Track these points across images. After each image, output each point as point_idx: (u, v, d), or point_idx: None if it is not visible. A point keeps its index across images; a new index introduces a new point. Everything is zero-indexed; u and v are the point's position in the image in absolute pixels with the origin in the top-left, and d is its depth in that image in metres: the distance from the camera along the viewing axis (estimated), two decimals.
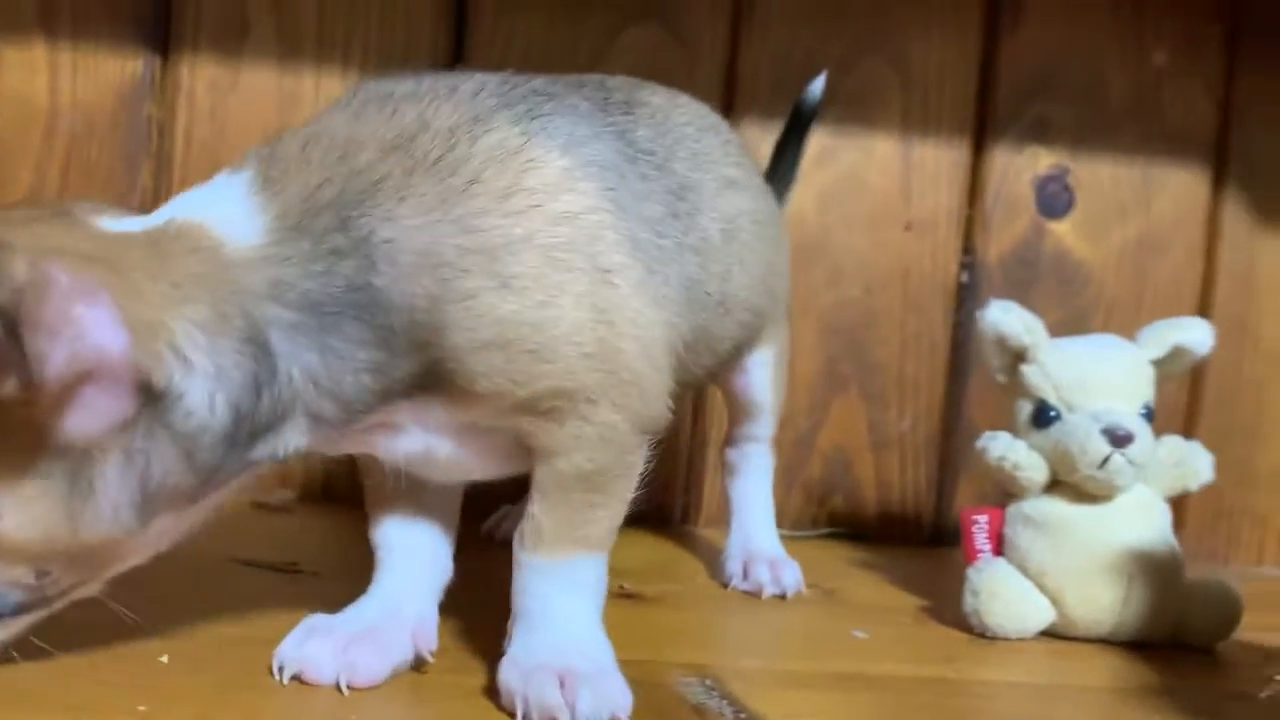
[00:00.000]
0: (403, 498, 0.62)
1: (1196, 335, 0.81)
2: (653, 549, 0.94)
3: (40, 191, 0.95)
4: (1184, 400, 1.07)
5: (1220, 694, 0.68)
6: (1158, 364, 0.81)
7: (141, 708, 0.51)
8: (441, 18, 0.97)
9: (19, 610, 0.52)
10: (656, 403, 0.59)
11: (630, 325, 0.57)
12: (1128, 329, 0.99)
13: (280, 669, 0.56)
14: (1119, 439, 0.76)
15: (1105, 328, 1.03)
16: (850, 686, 0.64)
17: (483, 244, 0.54)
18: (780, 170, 0.92)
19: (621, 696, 0.54)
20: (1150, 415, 0.79)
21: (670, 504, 1.03)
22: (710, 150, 0.71)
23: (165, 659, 0.57)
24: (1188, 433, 1.06)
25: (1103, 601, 0.76)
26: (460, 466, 0.60)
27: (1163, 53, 1.05)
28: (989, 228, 1.04)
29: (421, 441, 0.58)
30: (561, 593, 0.57)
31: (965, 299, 1.04)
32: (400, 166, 0.55)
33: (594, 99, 0.65)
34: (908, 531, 1.04)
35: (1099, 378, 0.79)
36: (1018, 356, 0.81)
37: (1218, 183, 1.06)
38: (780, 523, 1.00)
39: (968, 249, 1.04)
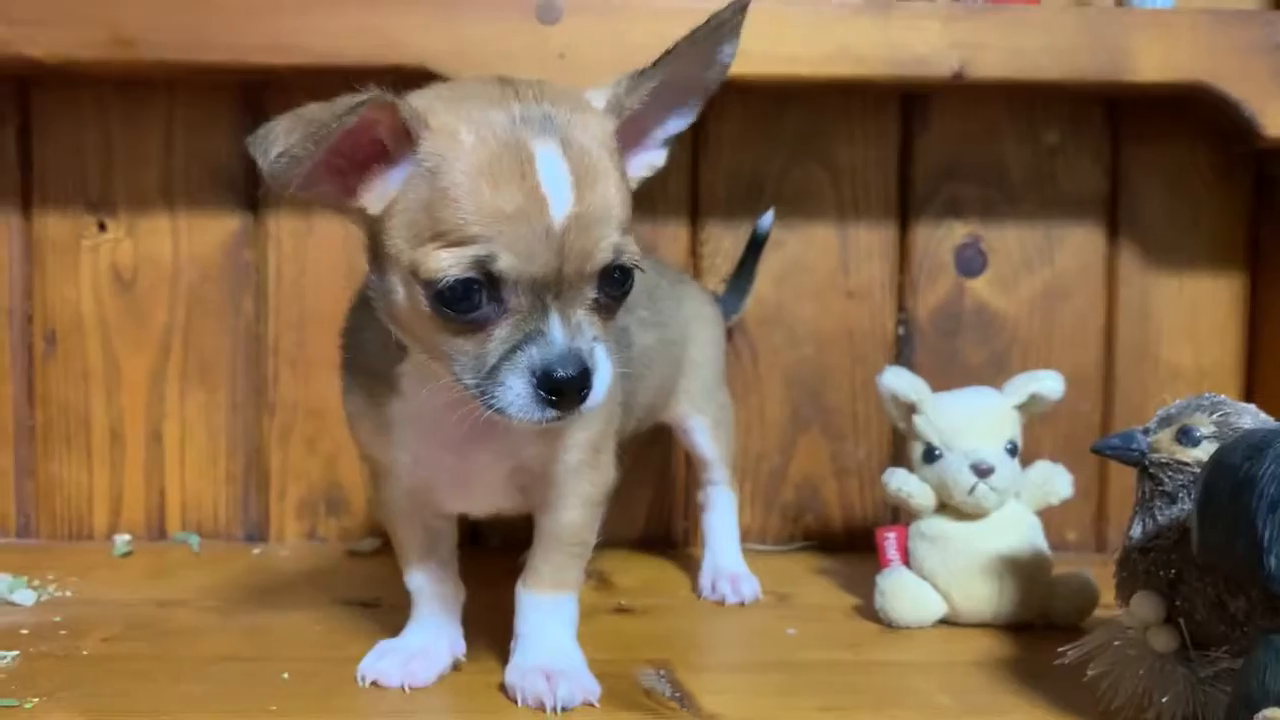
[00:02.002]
0: (425, 552, 0.88)
1: (1050, 384, 1.04)
2: (655, 568, 1.19)
3: (170, 325, 1.24)
4: (1099, 416, 1.29)
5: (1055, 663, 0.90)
6: (1020, 408, 1.03)
7: (273, 707, 0.79)
8: None
9: None
10: (611, 472, 0.87)
11: (614, 415, 0.86)
12: (1042, 363, 1.23)
13: (362, 678, 0.83)
14: (982, 472, 0.99)
15: (1022, 365, 1.25)
16: (767, 669, 0.89)
17: None
18: (739, 283, 1.19)
19: (591, 686, 0.80)
20: (1014, 449, 1.02)
21: (673, 531, 1.29)
22: (632, 298, 0.97)
23: (286, 676, 0.85)
24: None
25: (981, 596, 0.99)
26: (487, 495, 0.85)
27: (1054, 133, 1.26)
28: (917, 290, 1.27)
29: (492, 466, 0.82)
30: (548, 619, 0.83)
31: (902, 349, 1.27)
32: None
33: None
34: (868, 542, 1.26)
35: (970, 423, 1.02)
36: (909, 409, 1.04)
37: (1111, 236, 1.27)
38: (762, 540, 1.26)
39: (901, 308, 1.27)
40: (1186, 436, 0.78)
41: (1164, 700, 0.74)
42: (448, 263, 0.68)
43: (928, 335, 1.27)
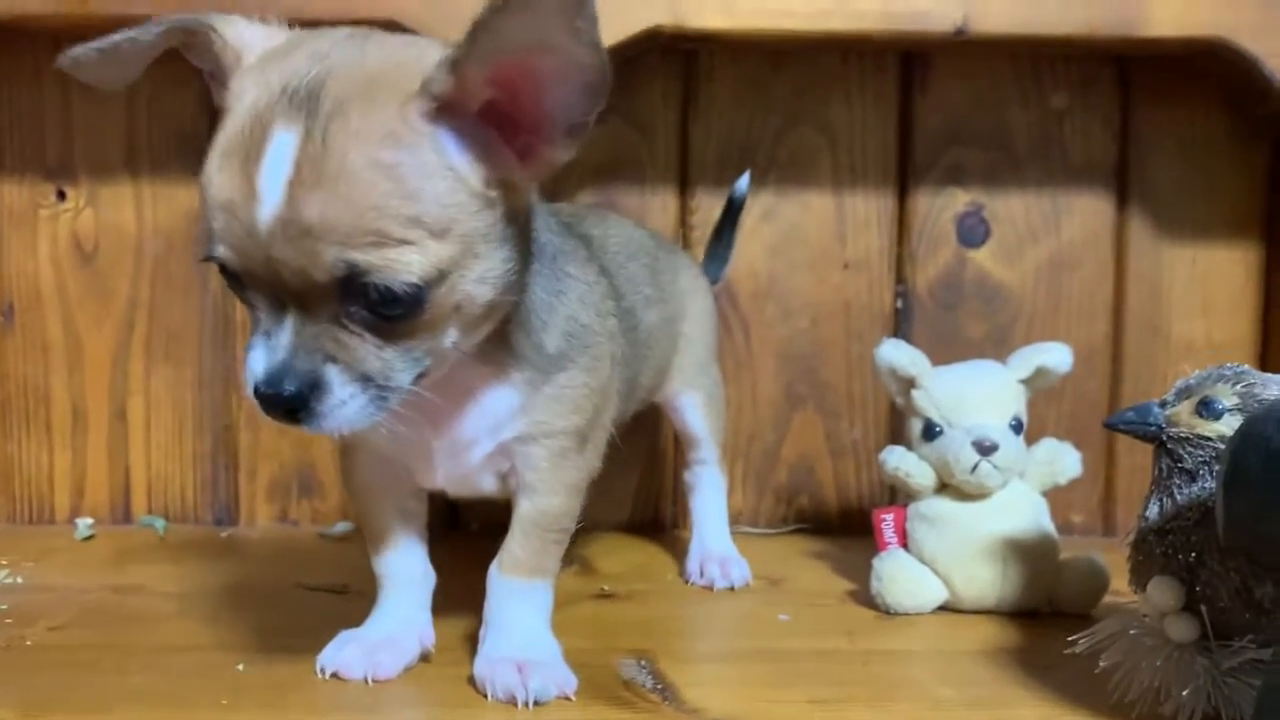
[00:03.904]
0: (394, 533, 0.82)
1: (1057, 357, 0.98)
2: (642, 552, 1.14)
3: (134, 299, 1.19)
4: (1106, 393, 1.23)
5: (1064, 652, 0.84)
6: (1026, 382, 0.98)
7: (224, 701, 0.73)
8: None
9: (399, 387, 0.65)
10: (597, 461, 0.81)
11: (609, 403, 0.80)
12: (1049, 336, 1.17)
13: (322, 670, 0.77)
14: (985, 449, 0.93)
15: (1027, 338, 1.20)
16: (755, 659, 0.83)
17: None
18: (717, 250, 1.13)
19: (566, 678, 0.74)
20: (1019, 426, 0.97)
21: (662, 513, 1.23)
22: (637, 274, 0.92)
23: (241, 667, 0.79)
24: None
25: (984, 580, 0.94)
26: (464, 473, 0.79)
27: (1061, 96, 1.20)
28: (916, 261, 1.21)
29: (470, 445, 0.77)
30: (521, 606, 0.78)
31: (901, 323, 1.21)
32: None
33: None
34: (864, 525, 1.21)
35: (972, 398, 0.96)
36: (908, 383, 0.99)
37: (1121, 205, 1.21)
38: (754, 522, 1.21)
39: (900, 280, 1.21)
40: (1208, 409, 0.73)
41: (1184, 694, 0.68)
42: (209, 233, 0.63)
43: (927, 308, 1.21)
